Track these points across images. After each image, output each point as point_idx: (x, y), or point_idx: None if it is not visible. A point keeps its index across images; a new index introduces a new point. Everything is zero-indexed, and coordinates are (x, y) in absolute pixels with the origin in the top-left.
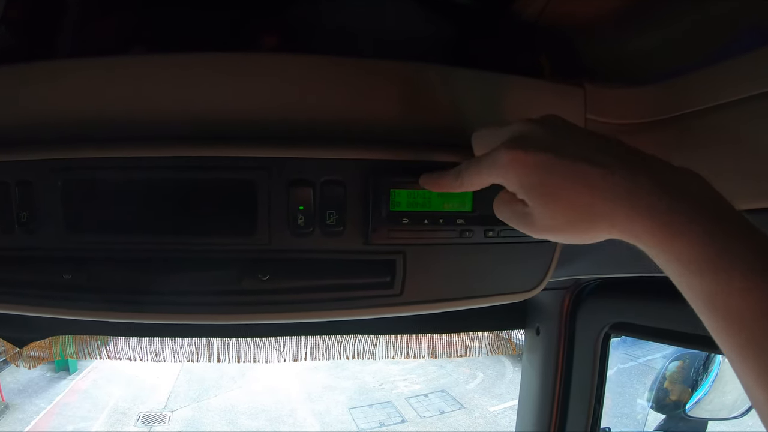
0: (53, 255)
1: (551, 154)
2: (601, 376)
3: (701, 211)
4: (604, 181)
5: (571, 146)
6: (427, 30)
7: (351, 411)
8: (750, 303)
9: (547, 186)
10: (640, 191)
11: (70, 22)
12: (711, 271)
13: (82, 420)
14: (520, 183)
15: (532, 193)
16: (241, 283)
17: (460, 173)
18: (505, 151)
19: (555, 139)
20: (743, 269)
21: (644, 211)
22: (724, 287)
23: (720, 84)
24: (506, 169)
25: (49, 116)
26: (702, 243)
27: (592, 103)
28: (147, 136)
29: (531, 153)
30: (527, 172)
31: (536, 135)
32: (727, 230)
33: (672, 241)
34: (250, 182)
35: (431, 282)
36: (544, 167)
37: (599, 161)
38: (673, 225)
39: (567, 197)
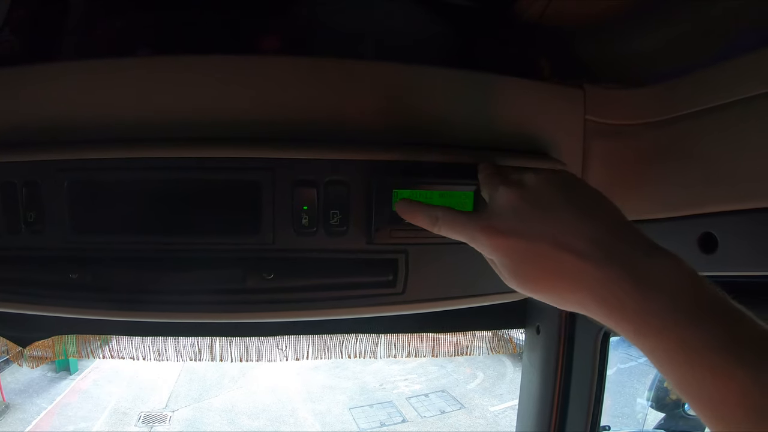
0: (60, 255)
1: (522, 240)
2: (601, 374)
3: (676, 311)
4: (576, 271)
5: (546, 224)
6: (430, 32)
7: (352, 411)
8: (723, 392)
9: (521, 271)
10: (612, 285)
11: (75, 24)
12: (686, 363)
13: (83, 420)
14: (496, 261)
15: (507, 274)
16: (246, 282)
17: (438, 221)
18: (480, 232)
19: (528, 216)
20: (716, 361)
21: (617, 305)
22: (699, 376)
23: (719, 85)
24: (483, 247)
25: (56, 117)
26: (675, 341)
27: (591, 104)
28: (152, 137)
29: (503, 238)
30: (502, 254)
31: (513, 208)
32: (701, 323)
33: (645, 338)
34: (255, 183)
35: (433, 281)
36: (517, 252)
37: (571, 246)
38: (646, 323)
39: (542, 282)
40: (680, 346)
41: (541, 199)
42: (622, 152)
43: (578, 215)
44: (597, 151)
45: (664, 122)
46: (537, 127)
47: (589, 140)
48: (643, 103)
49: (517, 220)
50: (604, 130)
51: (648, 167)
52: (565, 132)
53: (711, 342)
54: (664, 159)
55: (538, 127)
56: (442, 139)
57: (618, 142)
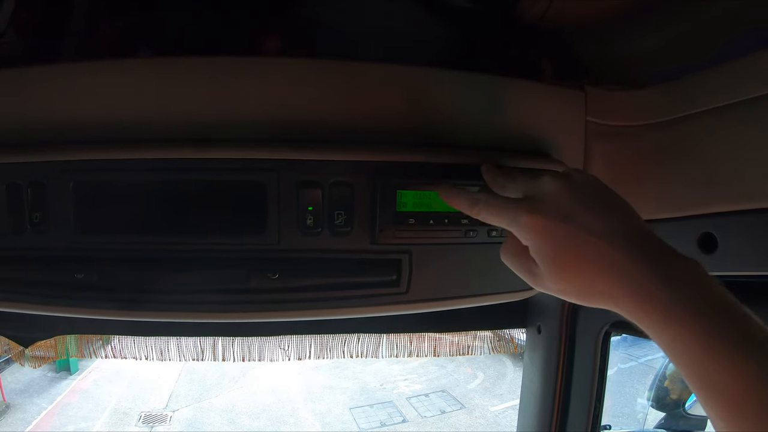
0: (65, 255)
1: (566, 225)
2: (602, 374)
3: (697, 301)
4: (612, 261)
5: (588, 215)
6: (431, 33)
7: (352, 411)
8: (738, 380)
9: (559, 257)
10: (643, 278)
11: (78, 26)
12: (704, 354)
13: (83, 420)
14: (534, 246)
15: (544, 259)
16: (251, 282)
17: (477, 205)
18: (526, 213)
19: (575, 207)
20: (732, 352)
21: (645, 297)
22: (716, 367)
23: (720, 86)
24: (524, 230)
25: (60, 118)
26: (697, 332)
27: (592, 106)
28: (157, 138)
29: (549, 221)
30: (542, 239)
31: (557, 197)
32: (719, 317)
33: (669, 328)
34: (261, 184)
35: (436, 281)
36: (559, 238)
37: (610, 238)
38: (671, 315)
39: (576, 270)
40: (701, 337)
41: (586, 194)
42: (623, 153)
43: (617, 214)
44: (598, 151)
45: (665, 123)
46: (539, 128)
47: (590, 141)
48: (644, 104)
49: (562, 208)
50: (605, 131)
51: (649, 168)
52: (567, 133)
53: (729, 335)
54: (665, 160)
55: (539, 128)
56: (445, 140)
57: (619, 143)
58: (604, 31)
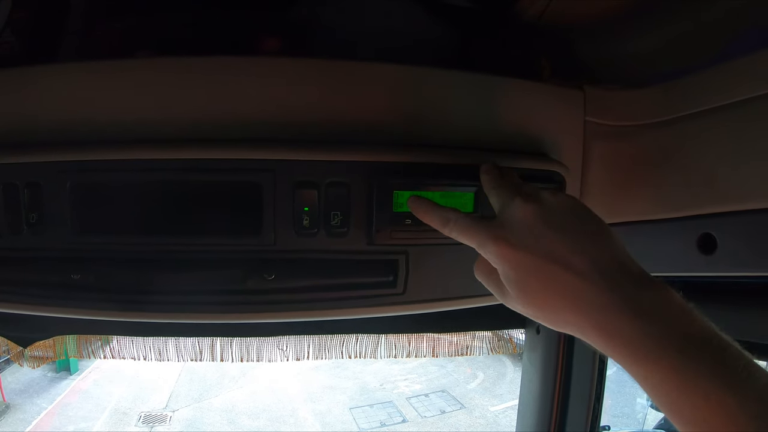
0: (62, 255)
1: (533, 256)
2: (601, 374)
3: (671, 335)
4: (579, 294)
5: (557, 244)
6: (429, 32)
7: (352, 411)
8: (715, 418)
9: (526, 285)
10: (612, 313)
11: (76, 26)
12: (679, 390)
13: (83, 420)
14: (501, 272)
15: (511, 285)
16: (247, 283)
17: (449, 224)
18: (493, 241)
19: (544, 236)
20: (707, 388)
21: (614, 332)
22: (692, 402)
23: (720, 86)
24: (490, 255)
25: (57, 118)
26: (670, 369)
27: (591, 106)
28: (153, 138)
29: (515, 250)
30: (509, 267)
31: (525, 224)
32: (693, 352)
33: (640, 365)
34: (256, 184)
35: (433, 281)
36: (525, 267)
37: (578, 269)
38: (642, 352)
39: (542, 300)
40: (674, 373)
41: (556, 220)
42: (621, 153)
43: (588, 242)
44: (597, 152)
45: (664, 123)
46: (537, 128)
47: (589, 141)
48: (643, 104)
49: (530, 236)
50: (603, 131)
51: (648, 168)
52: (565, 133)
53: (703, 369)
54: (664, 160)
55: (538, 128)
56: (443, 140)
57: (618, 143)
58: (603, 31)
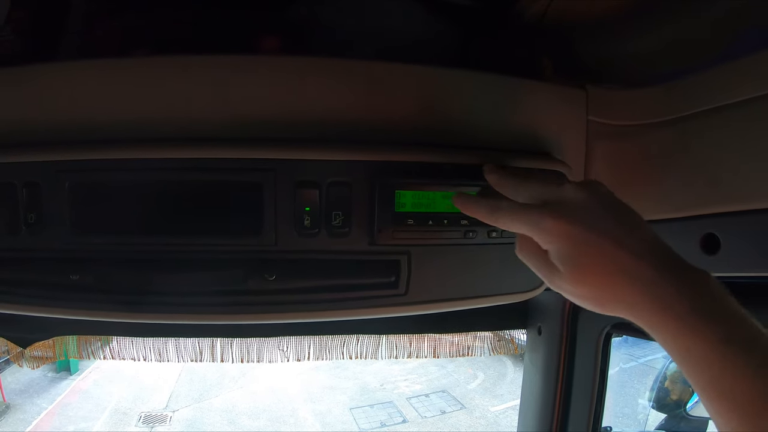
0: (60, 256)
1: (591, 232)
2: (603, 375)
3: (716, 312)
4: (634, 270)
5: (612, 225)
6: (431, 32)
7: (352, 411)
8: (753, 388)
9: (581, 260)
10: (663, 289)
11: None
12: (719, 361)
13: (83, 420)
14: (556, 249)
15: (565, 262)
16: (248, 284)
17: (497, 211)
18: (550, 216)
19: (598, 214)
20: (746, 360)
21: (664, 306)
22: (731, 374)
23: (722, 86)
24: (547, 233)
25: (55, 117)
26: (712, 340)
27: (593, 105)
28: (153, 137)
29: (575, 226)
30: (566, 242)
31: (582, 205)
32: (733, 327)
33: (685, 337)
34: (257, 184)
35: (435, 282)
36: (581, 242)
37: (633, 247)
38: (688, 324)
39: (598, 277)
40: (717, 344)
41: (609, 203)
42: (624, 153)
43: (636, 225)
44: (599, 151)
45: (667, 123)
46: (539, 127)
47: (591, 141)
48: (646, 103)
49: (587, 216)
50: (606, 131)
51: (650, 168)
52: (568, 133)
53: (743, 343)
54: (667, 159)
55: (540, 127)
56: (445, 140)
57: (620, 142)
58: (605, 31)
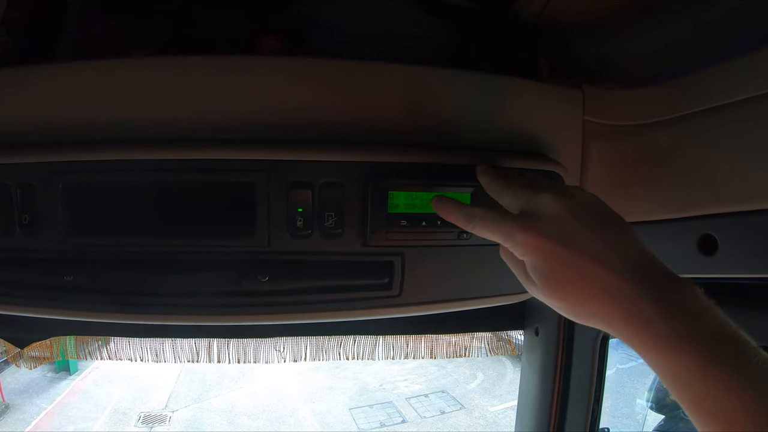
0: (54, 257)
1: (564, 248)
2: (600, 376)
3: (696, 328)
4: (610, 287)
5: (588, 239)
6: (427, 31)
7: (351, 411)
8: (735, 407)
9: (555, 276)
10: (641, 305)
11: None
12: (701, 381)
13: (83, 420)
14: (530, 263)
15: (539, 276)
16: (241, 285)
17: (474, 219)
18: (522, 231)
19: (574, 228)
20: (729, 380)
21: (643, 324)
22: (714, 393)
23: (719, 86)
24: (520, 246)
25: (50, 118)
26: (694, 360)
27: (590, 105)
28: (146, 138)
29: (546, 241)
30: (538, 257)
31: (558, 219)
32: (717, 345)
33: (666, 355)
34: (250, 185)
35: (429, 283)
36: (555, 258)
37: (609, 263)
38: (669, 342)
39: (571, 292)
40: (698, 365)
41: (585, 216)
42: (621, 153)
43: (616, 237)
44: (596, 152)
45: (664, 123)
46: (535, 127)
47: (588, 141)
48: (643, 103)
49: (561, 229)
50: (603, 131)
51: (647, 168)
52: (564, 133)
53: (726, 361)
54: (664, 160)
55: (536, 127)
56: (440, 140)
57: (617, 142)
58: (602, 30)
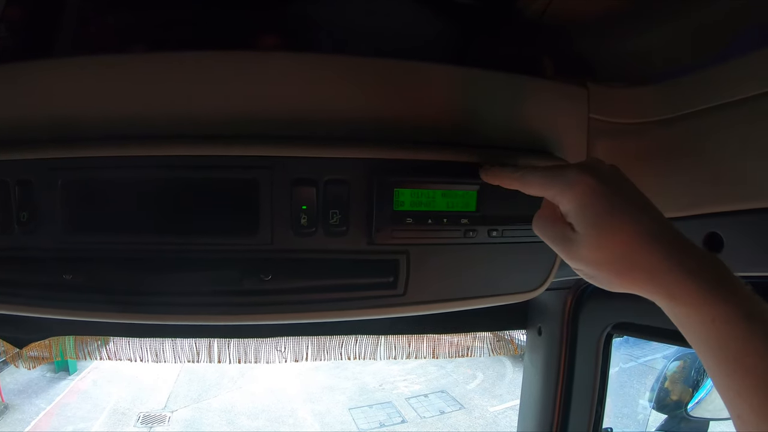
0: (53, 255)
1: (617, 193)
2: (603, 376)
3: (737, 284)
4: (659, 231)
5: (635, 192)
6: (431, 29)
7: (351, 411)
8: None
9: (604, 217)
10: (689, 253)
11: (70, 21)
12: (744, 336)
13: (82, 420)
14: (579, 204)
15: (586, 219)
16: (243, 284)
17: (523, 171)
18: (577, 170)
19: (624, 182)
20: (755, 330)
21: (690, 272)
22: (754, 346)
23: (723, 84)
24: (572, 186)
25: (49, 115)
26: (739, 311)
27: (595, 103)
28: (147, 134)
29: (600, 183)
30: (591, 196)
31: (607, 171)
32: (754, 301)
33: (710, 309)
34: (253, 181)
35: (434, 282)
36: (607, 198)
37: (655, 214)
38: (716, 296)
39: (618, 238)
40: (742, 316)
41: (627, 180)
42: (626, 151)
43: (652, 205)
44: (601, 149)
45: (669, 121)
46: (540, 125)
47: (593, 139)
48: (648, 101)
49: (612, 178)
50: (608, 129)
51: (652, 166)
52: (569, 130)
53: (763, 317)
54: (669, 158)
55: (541, 125)
56: (444, 138)
57: (622, 140)
58: (606, 28)
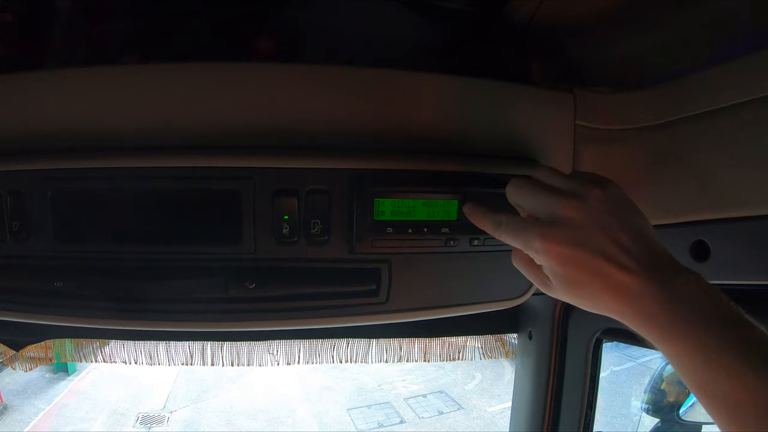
0: (44, 263)
1: (581, 252)
2: (594, 380)
3: (697, 317)
4: (623, 285)
5: (605, 241)
6: (418, 35)
7: (350, 412)
8: (736, 393)
9: (572, 278)
10: (650, 297)
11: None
12: (704, 365)
13: (81, 421)
14: (548, 267)
15: (557, 278)
16: (228, 291)
17: (500, 226)
18: (539, 239)
19: (589, 232)
20: (729, 363)
21: (651, 316)
22: (715, 376)
23: (713, 89)
24: (538, 253)
25: (39, 126)
26: (696, 346)
27: (581, 109)
28: (134, 146)
29: (563, 247)
30: (556, 262)
31: (574, 225)
32: (718, 331)
33: (670, 344)
34: (236, 192)
35: (417, 290)
36: (573, 263)
37: (624, 263)
38: (673, 332)
39: (587, 290)
40: (699, 349)
41: (602, 218)
42: (612, 158)
43: (629, 236)
44: (587, 156)
45: (656, 127)
46: (525, 132)
47: (579, 145)
48: (635, 107)
49: (576, 234)
50: (594, 135)
51: (639, 173)
52: (555, 137)
53: (728, 346)
54: (656, 165)
55: (526, 132)
56: (427, 146)
57: (608, 147)
58: (594, 33)
